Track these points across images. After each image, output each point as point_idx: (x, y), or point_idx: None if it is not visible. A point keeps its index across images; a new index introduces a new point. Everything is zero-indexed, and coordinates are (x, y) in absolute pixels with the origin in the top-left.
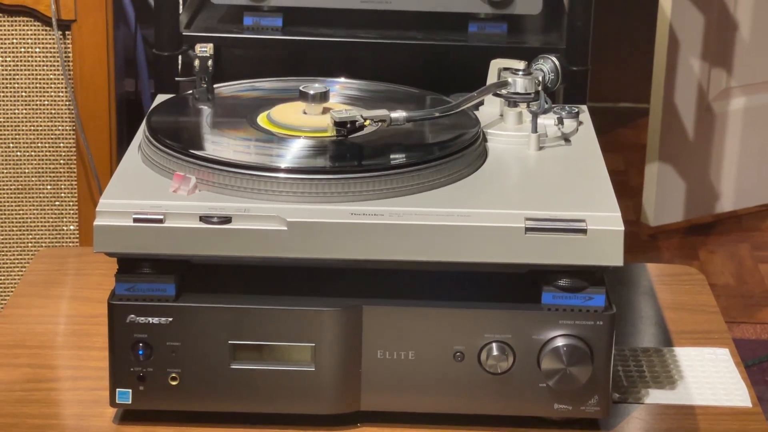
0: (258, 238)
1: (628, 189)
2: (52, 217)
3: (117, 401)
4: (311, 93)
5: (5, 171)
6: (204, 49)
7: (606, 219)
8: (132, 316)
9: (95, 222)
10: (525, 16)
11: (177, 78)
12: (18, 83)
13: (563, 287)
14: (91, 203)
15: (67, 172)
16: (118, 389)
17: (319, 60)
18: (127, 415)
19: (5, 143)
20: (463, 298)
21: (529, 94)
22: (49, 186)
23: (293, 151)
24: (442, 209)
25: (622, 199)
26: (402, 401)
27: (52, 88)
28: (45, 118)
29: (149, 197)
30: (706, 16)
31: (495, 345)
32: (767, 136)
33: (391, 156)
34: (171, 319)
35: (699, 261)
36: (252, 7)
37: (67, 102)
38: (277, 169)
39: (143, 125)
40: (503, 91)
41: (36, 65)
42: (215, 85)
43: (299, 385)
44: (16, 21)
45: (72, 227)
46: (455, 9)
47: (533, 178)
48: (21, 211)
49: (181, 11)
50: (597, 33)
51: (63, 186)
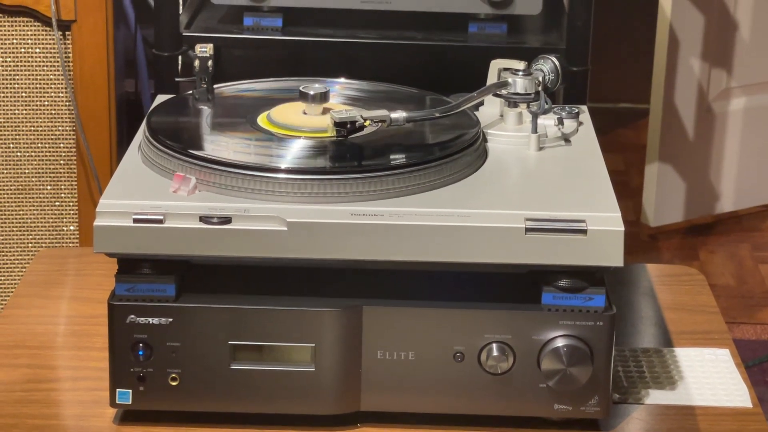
0: (258, 238)
1: (628, 189)
2: (52, 218)
3: (117, 402)
4: (311, 93)
5: (5, 171)
6: (204, 50)
7: (606, 219)
8: (132, 316)
9: (95, 222)
10: (525, 16)
11: (177, 78)
12: (18, 83)
13: (563, 288)
14: (91, 204)
15: (67, 172)
16: (118, 389)
17: (319, 60)
18: (127, 416)
19: (5, 143)
20: (463, 298)
21: (529, 94)
22: (49, 186)
23: (293, 152)
24: (442, 209)
25: (622, 200)
26: (402, 402)
27: (52, 88)
28: (45, 118)
29: (149, 198)
30: (706, 16)
31: (495, 345)
32: (767, 136)
33: (391, 156)
34: (171, 320)
35: (699, 261)
36: (252, 8)
37: (67, 102)
38: (277, 170)
39: (143, 125)
40: (503, 92)
41: (36, 65)
42: (215, 86)
43: (299, 386)
44: (16, 21)
45: (72, 227)
46: (455, 9)
47: (533, 178)
48: (21, 212)
49: (181, 11)
50: (597, 33)
51: (63, 186)
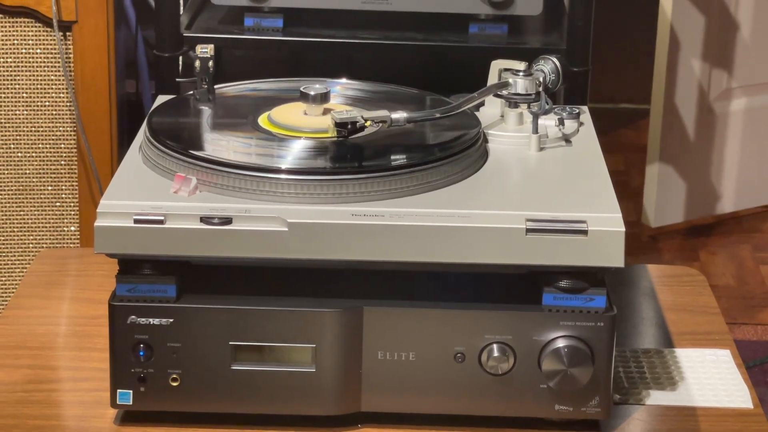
0: (259, 239)
1: (628, 190)
2: (53, 218)
3: (118, 402)
4: (312, 94)
5: (6, 172)
6: (205, 50)
7: (607, 220)
8: (133, 317)
9: (96, 223)
10: (525, 16)
11: (178, 79)
12: (19, 84)
13: (564, 288)
14: (92, 204)
15: (68, 173)
16: (118, 390)
17: (320, 61)
18: (128, 416)
19: (6, 144)
20: (464, 299)
21: (530, 94)
22: (50, 187)
23: (294, 152)
24: (442, 210)
25: (622, 200)
26: (403, 402)
27: (53, 89)
28: (46, 119)
29: (150, 198)
30: (706, 16)
31: (496, 346)
32: None
33: (392, 157)
34: (172, 320)
35: (700, 262)
36: (253, 8)
37: (68, 103)
38: (278, 170)
39: (144, 126)
40: (504, 92)
41: (37, 66)
42: (216, 86)
43: (300, 386)
44: (17, 22)
45: (73, 228)
46: (456, 10)
47: (534, 179)
48: (22, 212)
49: (182, 12)
50: (597, 34)
51: (64, 187)
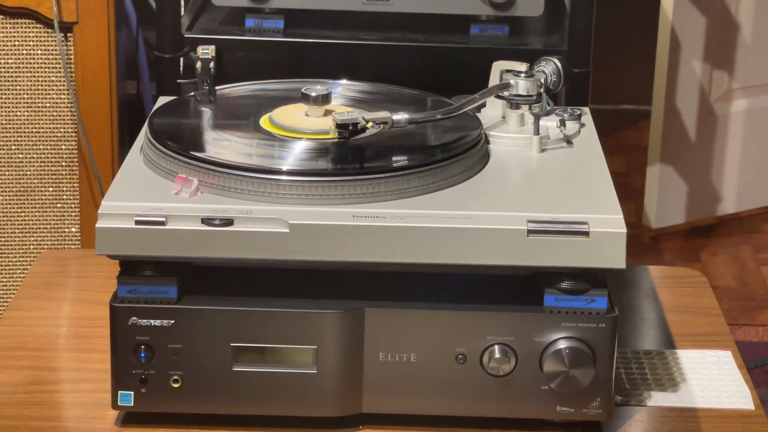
0: (260, 240)
1: (630, 191)
2: (53, 220)
3: (119, 403)
4: (313, 95)
5: (7, 173)
6: (206, 51)
7: (608, 221)
8: (134, 318)
9: (97, 224)
10: (527, 18)
11: (179, 80)
12: (20, 85)
13: (565, 289)
14: (93, 205)
15: (69, 174)
16: (119, 391)
17: (321, 62)
18: (129, 418)
19: (7, 145)
20: (465, 300)
21: (531, 96)
22: (51, 188)
23: (295, 153)
24: (444, 211)
25: (623, 201)
26: (404, 404)
27: (53, 90)
28: (47, 120)
29: (151, 199)
30: (707, 17)
31: (497, 347)
32: None
33: (393, 158)
34: (173, 322)
35: (701, 263)
36: (254, 9)
37: (69, 104)
38: (279, 172)
39: (145, 127)
40: (505, 93)
41: (38, 67)
42: (217, 87)
43: (301, 388)
44: (18, 23)
45: (74, 229)
46: (457, 11)
47: (535, 180)
48: (23, 214)
49: (183, 13)
50: (599, 35)
51: (65, 188)
